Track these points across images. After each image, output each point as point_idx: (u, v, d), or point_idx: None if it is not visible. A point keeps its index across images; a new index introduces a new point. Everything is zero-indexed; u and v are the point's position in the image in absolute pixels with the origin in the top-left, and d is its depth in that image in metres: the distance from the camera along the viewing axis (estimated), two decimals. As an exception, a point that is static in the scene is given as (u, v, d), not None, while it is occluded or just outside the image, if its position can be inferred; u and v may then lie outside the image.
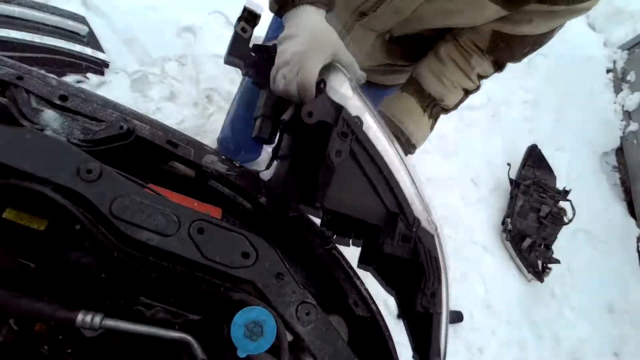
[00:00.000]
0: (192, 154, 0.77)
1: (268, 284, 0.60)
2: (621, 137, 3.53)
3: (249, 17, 0.72)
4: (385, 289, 0.77)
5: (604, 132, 3.51)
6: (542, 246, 2.68)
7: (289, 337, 0.59)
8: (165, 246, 0.55)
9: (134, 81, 2.14)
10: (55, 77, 0.73)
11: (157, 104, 2.14)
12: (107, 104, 0.75)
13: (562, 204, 2.84)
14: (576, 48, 3.74)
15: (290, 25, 0.70)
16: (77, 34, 2.00)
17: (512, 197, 2.77)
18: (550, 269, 2.66)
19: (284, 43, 0.69)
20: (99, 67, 2.03)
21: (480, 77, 0.99)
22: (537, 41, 0.88)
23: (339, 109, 0.64)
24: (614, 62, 3.81)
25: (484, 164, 2.95)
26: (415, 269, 0.71)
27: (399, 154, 0.72)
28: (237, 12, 0.74)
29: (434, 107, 0.98)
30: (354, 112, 0.66)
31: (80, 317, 0.51)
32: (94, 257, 0.59)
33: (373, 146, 0.66)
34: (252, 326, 0.53)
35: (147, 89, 2.16)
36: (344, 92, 0.67)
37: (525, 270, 2.64)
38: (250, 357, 0.53)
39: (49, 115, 0.66)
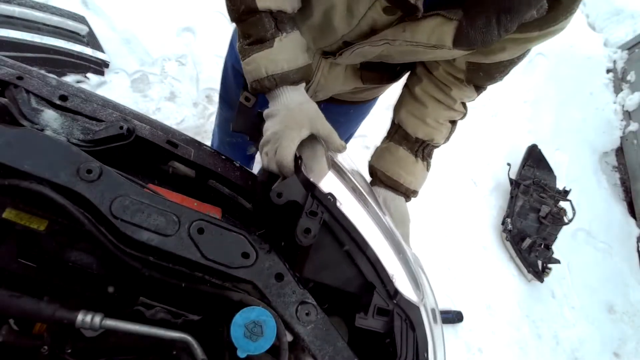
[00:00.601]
0: (192, 154, 0.77)
1: (268, 284, 0.60)
2: (621, 137, 3.52)
3: None
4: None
5: (604, 132, 3.51)
6: (542, 246, 2.67)
7: (289, 337, 0.59)
8: (166, 246, 0.55)
9: (134, 81, 2.15)
10: (55, 77, 0.74)
11: (157, 104, 2.14)
12: (107, 104, 0.75)
13: (562, 204, 2.84)
14: (576, 48, 3.74)
15: (272, 103, 0.75)
16: (77, 34, 2.01)
17: (512, 197, 2.77)
18: (550, 269, 2.66)
19: (267, 121, 0.73)
20: (99, 67, 2.03)
21: (464, 103, 0.96)
22: (515, 61, 0.85)
23: (311, 187, 0.66)
24: (614, 62, 3.81)
25: (484, 164, 2.95)
26: (392, 342, 0.69)
27: (382, 223, 0.74)
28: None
29: (425, 149, 0.96)
30: (330, 187, 0.68)
31: (80, 317, 0.51)
32: (94, 257, 0.59)
33: (348, 221, 0.67)
34: (252, 326, 0.53)
35: (147, 89, 2.16)
36: (320, 167, 0.70)
37: (525, 270, 2.63)
38: (250, 357, 0.53)
39: (49, 115, 0.66)
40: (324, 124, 0.74)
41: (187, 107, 2.23)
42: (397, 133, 0.98)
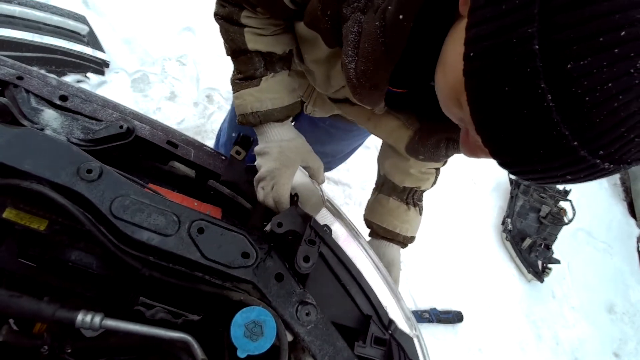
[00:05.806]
0: (192, 154, 0.77)
1: (268, 284, 0.60)
2: (621, 137, 3.52)
3: (243, 142, 0.78)
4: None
5: (604, 132, 3.50)
6: (542, 246, 2.67)
7: (289, 337, 0.59)
8: (166, 246, 0.55)
9: (134, 81, 2.14)
10: (55, 77, 0.74)
11: (157, 104, 2.14)
12: (107, 103, 0.75)
13: (562, 203, 2.84)
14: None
15: (262, 140, 0.77)
16: (78, 33, 2.00)
17: (512, 197, 2.77)
18: (550, 269, 2.66)
19: (259, 158, 0.76)
20: (99, 66, 2.03)
21: None
22: None
23: (307, 218, 0.68)
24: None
25: (484, 164, 2.95)
26: None
27: (372, 259, 0.77)
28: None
29: (414, 195, 0.98)
30: (324, 221, 0.71)
31: (80, 317, 0.51)
32: (94, 257, 0.59)
33: (343, 252, 0.70)
34: (252, 326, 0.53)
35: (147, 89, 2.16)
36: (315, 202, 0.73)
37: (525, 270, 2.63)
38: (250, 357, 0.53)
39: (49, 115, 0.66)
40: (314, 159, 0.77)
41: (188, 107, 2.22)
42: (384, 185, 0.99)
